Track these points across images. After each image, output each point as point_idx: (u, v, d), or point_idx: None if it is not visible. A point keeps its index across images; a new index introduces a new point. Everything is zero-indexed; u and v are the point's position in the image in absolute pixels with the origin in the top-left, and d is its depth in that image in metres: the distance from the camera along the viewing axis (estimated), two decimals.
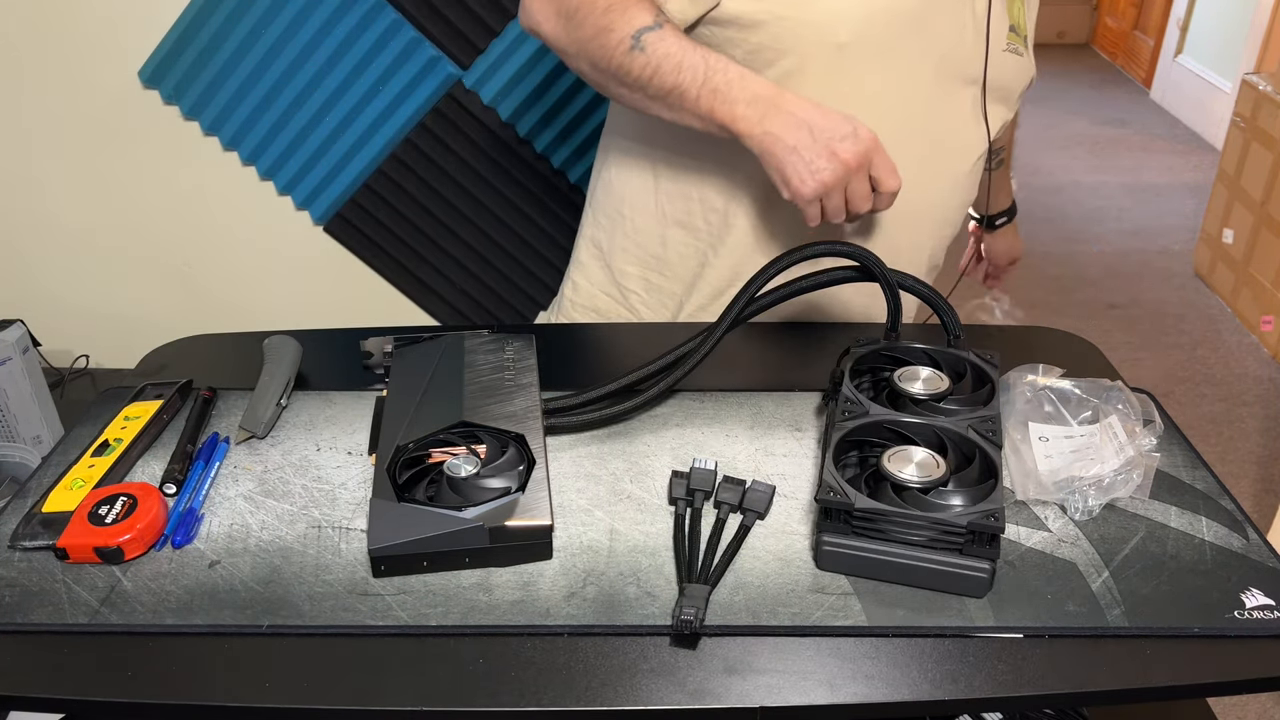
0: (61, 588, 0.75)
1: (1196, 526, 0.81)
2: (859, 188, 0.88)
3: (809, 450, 0.91)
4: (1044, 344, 1.12)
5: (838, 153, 0.86)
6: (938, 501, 0.75)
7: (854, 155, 0.86)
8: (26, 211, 1.90)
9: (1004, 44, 1.03)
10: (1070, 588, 0.75)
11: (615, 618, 0.72)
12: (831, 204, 0.89)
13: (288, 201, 1.88)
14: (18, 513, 0.82)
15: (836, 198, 0.88)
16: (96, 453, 0.87)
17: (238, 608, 0.73)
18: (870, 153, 0.87)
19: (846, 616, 0.72)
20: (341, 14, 1.66)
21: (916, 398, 0.86)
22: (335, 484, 0.86)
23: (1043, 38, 5.47)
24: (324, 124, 1.77)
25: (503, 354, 0.97)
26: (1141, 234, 3.39)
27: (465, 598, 0.74)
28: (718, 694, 0.67)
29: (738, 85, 0.88)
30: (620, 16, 0.91)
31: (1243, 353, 2.73)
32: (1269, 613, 0.72)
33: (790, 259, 0.92)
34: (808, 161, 0.86)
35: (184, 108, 1.78)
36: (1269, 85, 2.75)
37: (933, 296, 0.92)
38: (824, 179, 0.86)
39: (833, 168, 0.86)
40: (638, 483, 0.86)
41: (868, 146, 0.87)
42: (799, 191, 0.88)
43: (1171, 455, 0.90)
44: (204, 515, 0.82)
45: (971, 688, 0.67)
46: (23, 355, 1.77)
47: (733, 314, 0.92)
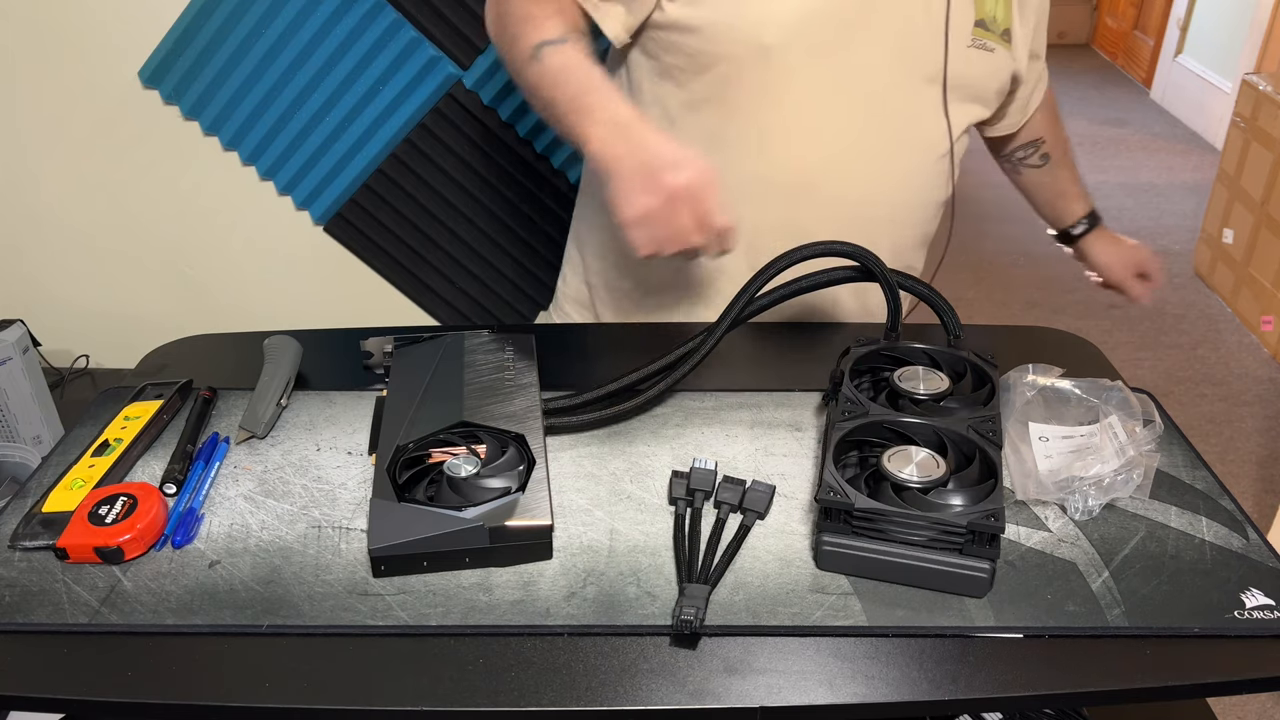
0: (61, 588, 0.75)
1: (1196, 526, 0.81)
2: (682, 220, 0.83)
3: (809, 450, 0.91)
4: (1044, 344, 1.12)
5: (661, 181, 0.82)
6: (938, 501, 0.75)
7: (677, 185, 0.82)
8: (26, 211, 1.90)
9: (968, 40, 1.02)
10: (1070, 588, 0.75)
11: (615, 618, 0.72)
12: (654, 232, 0.84)
13: (288, 201, 1.88)
14: (18, 513, 0.82)
15: (659, 227, 0.83)
16: (96, 453, 0.87)
17: (238, 608, 0.73)
18: (697, 186, 0.83)
19: (846, 616, 0.72)
20: (341, 14, 1.66)
21: (916, 398, 0.86)
22: (335, 484, 0.86)
23: None
24: (324, 124, 1.77)
25: (503, 354, 0.97)
26: (1141, 234, 3.38)
27: (465, 598, 0.74)
28: (718, 694, 0.67)
29: (601, 107, 0.88)
30: (532, 27, 0.94)
31: (1243, 353, 2.73)
32: (1269, 613, 0.72)
33: (790, 259, 0.92)
34: (632, 186, 0.84)
35: (184, 108, 1.78)
36: (1269, 85, 2.75)
37: (932, 296, 0.92)
38: (643, 204, 0.83)
39: (654, 195, 0.82)
40: (638, 483, 0.86)
41: (694, 179, 0.83)
42: (620, 216, 0.85)
43: (1171, 455, 0.90)
44: (204, 515, 0.82)
45: (971, 688, 0.67)
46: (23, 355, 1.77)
47: (733, 314, 0.92)
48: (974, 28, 1.02)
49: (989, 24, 1.03)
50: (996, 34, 1.04)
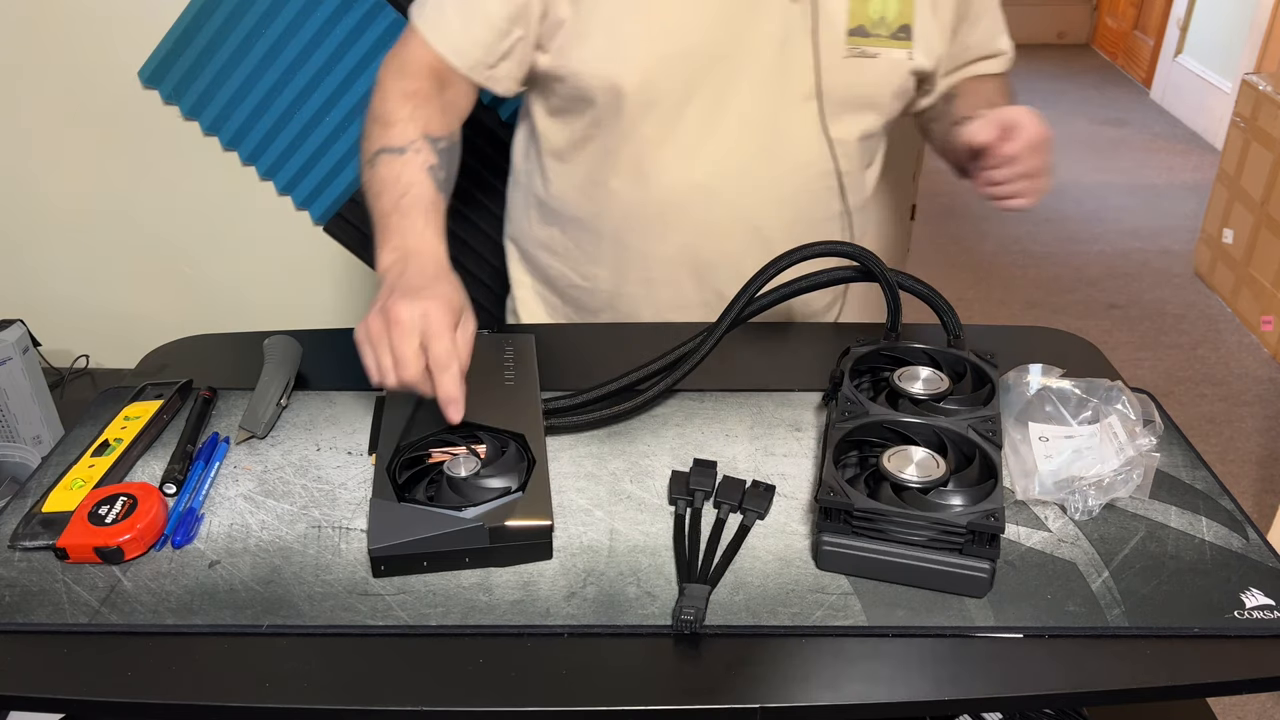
0: (61, 588, 0.75)
1: (1196, 526, 0.81)
2: (399, 349, 0.78)
3: (809, 450, 0.91)
4: (1044, 344, 1.12)
5: (387, 307, 0.79)
6: (938, 501, 0.75)
7: (396, 311, 0.78)
8: (27, 211, 1.90)
9: (844, 51, 1.00)
10: (1070, 588, 0.75)
11: (615, 618, 0.72)
12: (377, 358, 0.80)
13: (288, 201, 1.88)
14: (18, 513, 0.82)
15: (382, 355, 0.79)
16: (96, 453, 0.87)
17: (238, 608, 0.73)
18: (418, 316, 0.78)
19: (847, 616, 0.72)
20: (341, 14, 1.66)
21: (916, 398, 0.86)
22: (335, 484, 0.86)
23: (1043, 38, 5.47)
24: (324, 124, 1.78)
25: (503, 354, 0.97)
26: (1141, 234, 3.39)
27: (465, 598, 0.74)
28: (718, 694, 0.67)
29: (398, 232, 0.89)
30: (381, 131, 0.96)
31: (1243, 353, 2.73)
32: (1269, 613, 0.72)
33: (790, 259, 0.92)
34: (371, 311, 0.81)
35: (184, 108, 1.78)
36: (1269, 85, 2.75)
37: (932, 296, 0.92)
38: (368, 321, 0.80)
39: (376, 316, 0.80)
40: (638, 482, 0.86)
41: (416, 309, 0.78)
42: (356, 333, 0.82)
43: (1171, 455, 0.90)
44: (204, 515, 0.82)
45: (971, 688, 0.67)
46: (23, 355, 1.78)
47: (733, 314, 0.92)
48: (849, 37, 1.00)
49: (872, 28, 1.00)
50: (885, 35, 1.01)
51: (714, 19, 0.97)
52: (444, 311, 0.80)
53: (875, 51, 1.01)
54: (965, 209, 3.55)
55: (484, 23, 0.98)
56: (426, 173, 0.94)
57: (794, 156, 1.05)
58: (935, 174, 3.81)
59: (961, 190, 1.18)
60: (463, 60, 1.00)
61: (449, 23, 0.99)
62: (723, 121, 1.01)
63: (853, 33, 1.00)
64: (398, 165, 0.94)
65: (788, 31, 0.98)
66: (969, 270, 3.15)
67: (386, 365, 0.79)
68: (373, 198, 0.93)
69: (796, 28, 0.98)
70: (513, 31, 0.99)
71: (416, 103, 0.97)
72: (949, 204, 3.58)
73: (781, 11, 0.98)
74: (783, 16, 0.98)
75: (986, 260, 3.22)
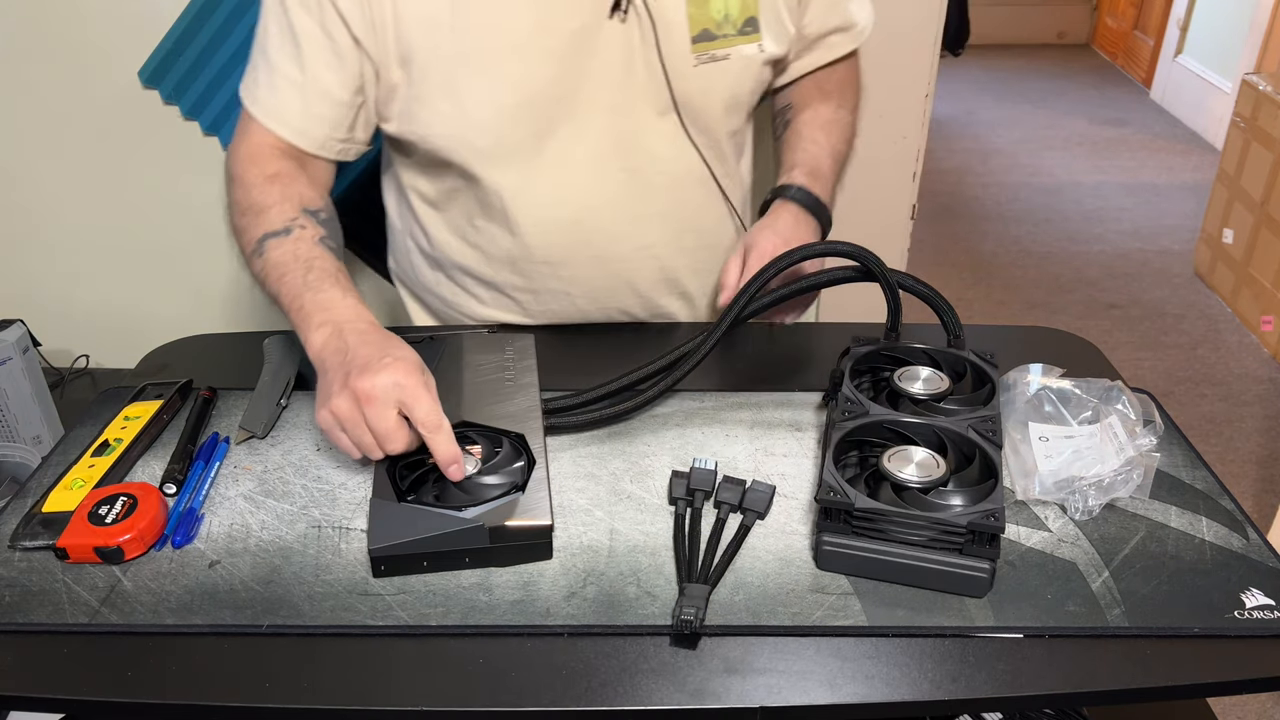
0: (61, 588, 0.75)
1: (1196, 526, 0.81)
2: (378, 423, 0.77)
3: (809, 450, 0.91)
4: (1044, 344, 1.12)
5: (350, 381, 0.77)
6: (938, 501, 0.75)
7: (365, 387, 0.76)
8: (26, 211, 1.90)
9: (693, 60, 0.97)
10: (1070, 588, 0.75)
11: (615, 618, 0.72)
12: (352, 437, 0.79)
13: None
14: (18, 513, 0.82)
15: (354, 430, 0.78)
16: (96, 453, 0.87)
17: (238, 608, 0.73)
18: (390, 387, 0.77)
19: (847, 616, 0.72)
20: None
21: (916, 398, 0.86)
22: (335, 484, 0.86)
23: (1043, 38, 5.47)
24: None
25: (503, 354, 0.97)
26: (1141, 234, 3.39)
27: (465, 598, 0.74)
28: (718, 694, 0.67)
29: (318, 309, 0.85)
30: (255, 219, 0.92)
31: (1243, 353, 2.73)
32: (1269, 613, 0.72)
33: (790, 259, 0.92)
34: (326, 387, 0.80)
35: (184, 108, 1.78)
36: (1269, 85, 2.75)
37: (931, 295, 0.92)
38: (331, 407, 0.78)
39: (341, 398, 0.77)
40: (638, 483, 0.86)
41: (385, 380, 0.77)
42: (316, 419, 0.80)
43: (1171, 455, 0.90)
44: (204, 515, 0.82)
45: (971, 688, 0.67)
46: (23, 355, 1.77)
47: (733, 314, 0.92)
48: (695, 44, 0.97)
49: (717, 29, 0.97)
50: (733, 33, 0.98)
51: (550, 60, 0.93)
52: (414, 373, 0.78)
53: (725, 53, 0.98)
54: (965, 209, 3.55)
55: (324, 99, 0.95)
56: (319, 245, 0.91)
57: (664, 172, 1.03)
58: (935, 174, 3.81)
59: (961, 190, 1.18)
60: (312, 141, 0.96)
61: (287, 106, 0.95)
62: (582, 156, 0.99)
63: (697, 39, 0.96)
64: (288, 245, 0.90)
65: (628, 55, 0.95)
66: (969, 270, 3.15)
67: (369, 443, 0.78)
68: (274, 284, 0.89)
69: (636, 48, 0.95)
70: (355, 101, 0.96)
71: (283, 183, 0.94)
72: (949, 204, 3.58)
73: (617, 37, 0.94)
74: (620, 41, 0.94)
75: (986, 260, 3.22)
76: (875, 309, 0.96)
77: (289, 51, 0.94)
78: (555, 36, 0.92)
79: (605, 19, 0.93)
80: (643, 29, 0.94)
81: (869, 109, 1.71)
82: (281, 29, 0.93)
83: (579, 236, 1.03)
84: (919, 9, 1.66)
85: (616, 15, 0.92)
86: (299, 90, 0.95)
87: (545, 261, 1.05)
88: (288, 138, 0.96)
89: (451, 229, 1.07)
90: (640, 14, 0.93)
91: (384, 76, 0.94)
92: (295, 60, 0.94)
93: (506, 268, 1.07)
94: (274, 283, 0.89)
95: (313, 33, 0.92)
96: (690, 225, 1.08)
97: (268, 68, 0.95)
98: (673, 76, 0.97)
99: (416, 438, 0.79)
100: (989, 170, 3.87)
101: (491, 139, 0.96)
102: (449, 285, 1.12)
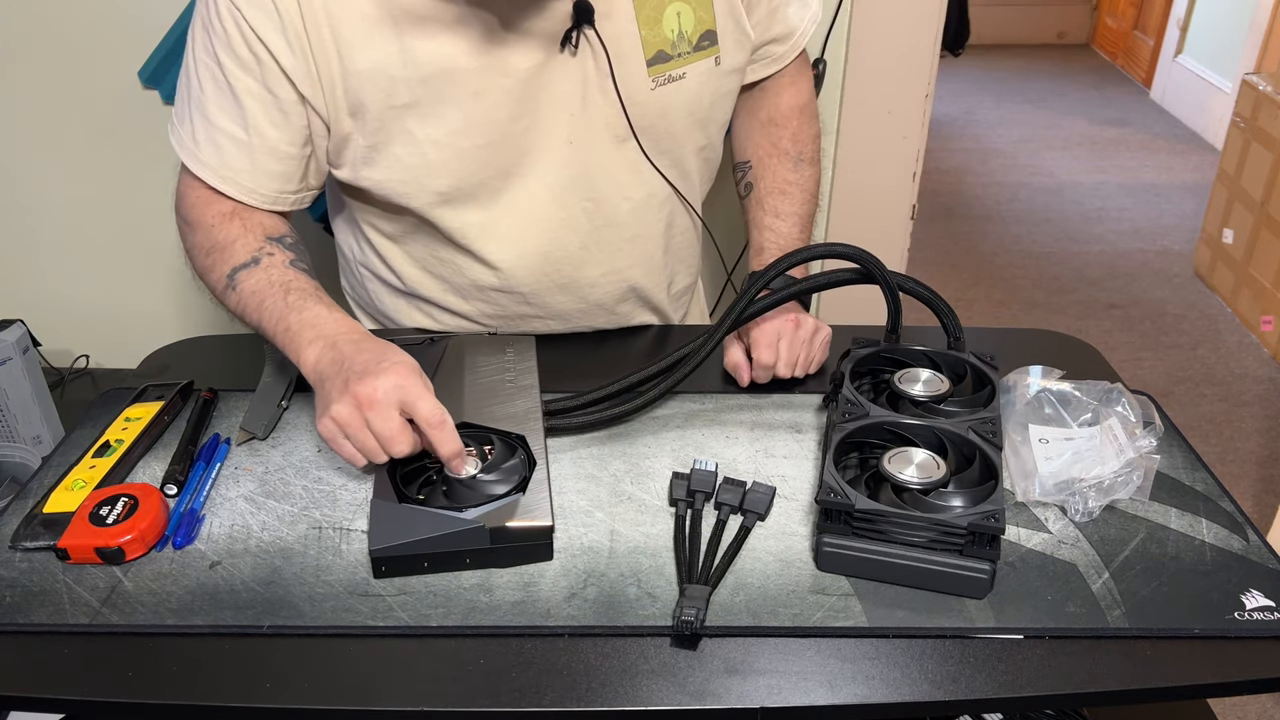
0: (62, 588, 0.75)
1: (1196, 528, 0.81)
2: (383, 426, 0.77)
3: (809, 452, 0.91)
4: (1044, 345, 1.12)
5: (350, 387, 0.77)
6: (938, 503, 0.75)
7: (366, 392, 0.76)
8: (26, 211, 1.90)
9: (649, 84, 0.95)
10: (1070, 589, 0.75)
11: (616, 618, 0.72)
12: (356, 443, 0.78)
13: None
14: (18, 513, 0.82)
15: (358, 436, 0.77)
16: (97, 454, 0.87)
17: (238, 608, 0.73)
18: (392, 389, 0.77)
19: (847, 617, 0.72)
20: None
21: (917, 399, 0.86)
22: (336, 485, 0.86)
23: (1043, 38, 5.47)
24: None
25: (504, 355, 0.97)
26: (1141, 234, 3.39)
27: (466, 598, 0.74)
28: (718, 694, 0.67)
29: (306, 328, 0.84)
30: (220, 256, 0.90)
31: (1243, 353, 2.73)
32: (1269, 614, 0.72)
33: (790, 261, 0.92)
34: (325, 397, 0.79)
35: None
36: (1269, 85, 2.75)
37: (931, 298, 0.92)
38: (333, 414, 0.78)
39: (342, 404, 0.77)
40: (638, 484, 0.86)
41: (387, 383, 0.77)
42: (318, 429, 0.80)
43: (1171, 457, 0.90)
44: (205, 516, 0.82)
45: (971, 688, 0.67)
46: (23, 355, 1.77)
47: (733, 315, 0.92)
48: (650, 68, 0.94)
49: (672, 49, 0.95)
50: (689, 51, 0.96)
51: (506, 100, 0.90)
52: (413, 375, 0.78)
53: (681, 72, 0.96)
54: (965, 209, 3.55)
55: (271, 155, 0.90)
56: (291, 268, 0.89)
57: (629, 198, 1.01)
58: (935, 174, 3.81)
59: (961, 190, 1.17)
60: (263, 199, 0.93)
61: (232, 164, 0.90)
62: (542, 192, 0.97)
63: (652, 61, 0.94)
64: (260, 274, 0.88)
65: (584, 87, 0.93)
66: (969, 270, 3.15)
67: (372, 447, 0.78)
68: (253, 314, 0.87)
69: (591, 79, 0.93)
70: (303, 154, 0.92)
71: (241, 218, 0.92)
72: (949, 204, 3.58)
73: (571, 70, 0.92)
74: (574, 74, 0.92)
75: (986, 260, 3.22)
76: (875, 311, 0.97)
77: (229, 110, 0.89)
78: (509, 76, 0.89)
79: (557, 54, 0.90)
80: (596, 59, 0.91)
81: (870, 109, 1.72)
82: (219, 87, 0.88)
83: (545, 269, 1.01)
84: (919, 9, 1.66)
85: (567, 49, 0.90)
86: (245, 150, 0.90)
87: (512, 291, 1.03)
88: (237, 197, 0.92)
89: (414, 261, 1.04)
90: (593, 44, 0.91)
91: (335, 129, 0.91)
92: (238, 120, 0.89)
93: (475, 296, 1.05)
94: (253, 312, 0.88)
95: (254, 91, 0.87)
96: (658, 245, 1.07)
97: (207, 125, 0.90)
98: (629, 104, 0.94)
99: (419, 440, 0.79)
100: (989, 170, 3.87)
101: (451, 182, 0.93)
102: (410, 310, 1.09)
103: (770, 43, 1.06)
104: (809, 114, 1.12)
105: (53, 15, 1.71)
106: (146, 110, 1.78)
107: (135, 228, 1.92)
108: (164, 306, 2.00)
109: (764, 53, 1.06)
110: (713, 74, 0.98)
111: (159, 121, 1.79)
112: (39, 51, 1.74)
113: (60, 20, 1.71)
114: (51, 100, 1.78)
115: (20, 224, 1.91)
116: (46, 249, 1.94)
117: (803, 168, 1.10)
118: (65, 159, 1.84)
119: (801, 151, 1.10)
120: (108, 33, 1.71)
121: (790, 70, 1.10)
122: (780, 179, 1.09)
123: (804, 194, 1.09)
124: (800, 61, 1.10)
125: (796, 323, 0.98)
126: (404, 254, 1.04)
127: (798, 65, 1.10)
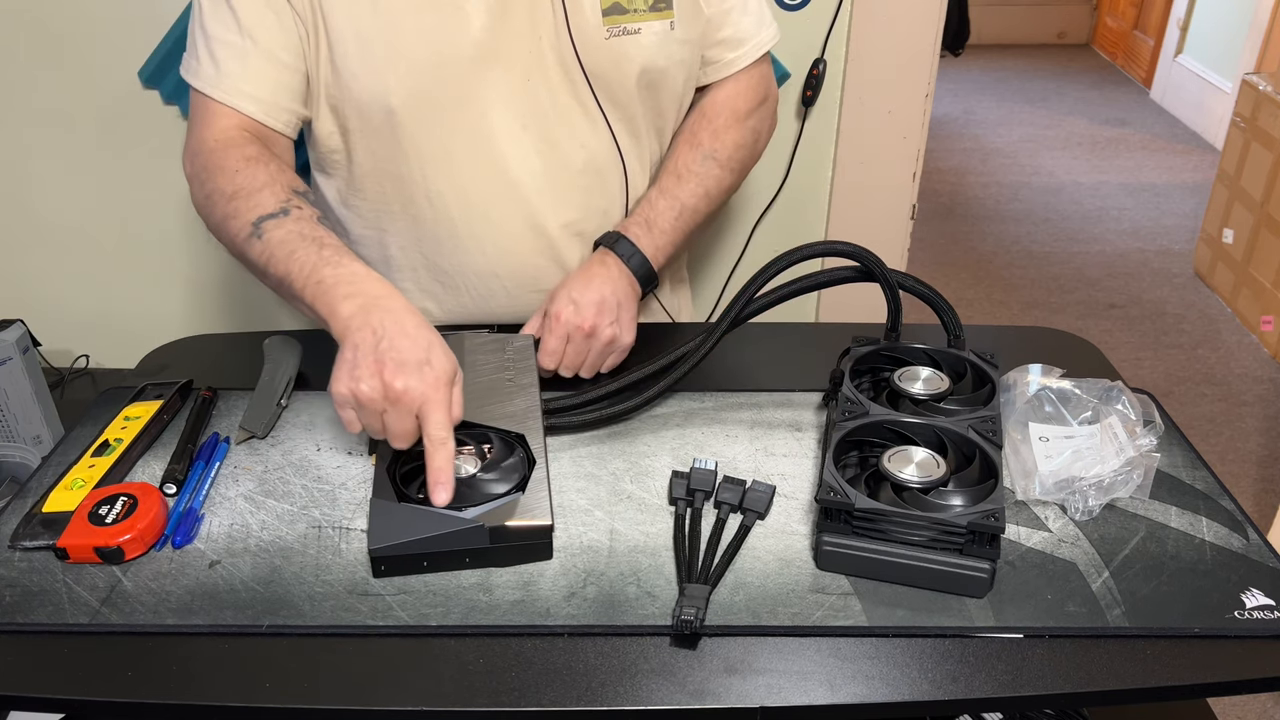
0: (62, 588, 0.75)
1: (1197, 526, 0.81)
2: (395, 424, 0.78)
3: (809, 450, 0.91)
4: (1044, 344, 1.12)
5: (384, 375, 0.76)
6: (938, 501, 0.75)
7: (399, 388, 0.76)
8: (26, 211, 1.90)
9: (604, 33, 0.98)
10: (1070, 588, 0.75)
11: (615, 618, 0.72)
12: (363, 421, 0.79)
13: None
14: (18, 513, 0.82)
15: (370, 419, 0.78)
16: (97, 453, 0.87)
17: (238, 608, 0.73)
18: (419, 397, 0.77)
19: (847, 617, 0.72)
20: None
21: (917, 398, 0.86)
22: (335, 484, 0.86)
23: (1043, 38, 5.47)
24: None
25: (503, 354, 0.97)
26: (1141, 234, 3.39)
27: (465, 598, 0.74)
28: (718, 694, 0.67)
29: (342, 282, 0.82)
30: (245, 203, 0.89)
31: (1243, 353, 2.73)
32: (1269, 613, 0.72)
33: (790, 259, 0.92)
34: (353, 366, 0.78)
35: (184, 108, 1.77)
36: (1269, 85, 2.75)
37: (931, 296, 0.92)
38: (356, 390, 0.77)
39: (371, 386, 0.76)
40: (638, 483, 0.86)
41: (422, 386, 0.77)
42: (331, 388, 0.79)
43: (1171, 455, 0.90)
44: (204, 515, 0.82)
45: (971, 688, 0.67)
46: (23, 355, 1.77)
47: (732, 314, 0.92)
48: (605, 18, 0.98)
49: (628, 3, 0.98)
50: (644, 9, 0.99)
51: (464, 20, 0.94)
52: (444, 388, 0.78)
53: (636, 27, 0.99)
54: (965, 209, 3.55)
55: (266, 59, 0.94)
56: (321, 224, 0.89)
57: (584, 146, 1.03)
58: (935, 174, 3.81)
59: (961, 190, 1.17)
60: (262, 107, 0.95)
61: (230, 70, 0.94)
62: (499, 124, 0.99)
63: (608, 11, 0.97)
64: (290, 225, 0.87)
65: (538, 27, 0.97)
66: (969, 270, 3.15)
67: (376, 429, 0.79)
68: (280, 264, 0.85)
69: (546, 21, 0.97)
70: (300, 66, 0.96)
71: (265, 165, 0.92)
72: (949, 204, 3.58)
73: (529, 9, 0.96)
74: (530, 13, 0.96)
75: (986, 260, 3.21)
76: (875, 309, 0.97)
77: (224, 19, 0.94)
78: None
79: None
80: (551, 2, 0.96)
81: (870, 109, 1.72)
82: (215, 4, 0.94)
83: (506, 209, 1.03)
84: (919, 9, 1.66)
85: None
86: (240, 54, 0.94)
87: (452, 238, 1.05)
88: (235, 104, 0.94)
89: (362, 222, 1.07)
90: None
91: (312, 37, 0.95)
92: (232, 26, 0.94)
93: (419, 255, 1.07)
94: (281, 262, 0.85)
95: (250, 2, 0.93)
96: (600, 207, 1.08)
97: (205, 39, 0.95)
98: (583, 48, 0.98)
99: None
100: (989, 170, 3.87)
101: (407, 93, 0.96)
102: None
103: (720, 44, 1.07)
104: (740, 120, 1.10)
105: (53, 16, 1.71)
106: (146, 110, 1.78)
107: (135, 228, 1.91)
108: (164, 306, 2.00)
109: (715, 55, 1.08)
110: (668, 37, 1.01)
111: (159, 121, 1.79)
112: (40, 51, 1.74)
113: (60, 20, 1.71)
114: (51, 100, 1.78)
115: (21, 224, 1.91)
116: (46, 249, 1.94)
117: (709, 165, 1.08)
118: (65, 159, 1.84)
119: (715, 150, 1.09)
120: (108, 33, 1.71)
121: (739, 75, 1.10)
122: (681, 163, 1.08)
123: (699, 187, 1.08)
124: (752, 74, 1.11)
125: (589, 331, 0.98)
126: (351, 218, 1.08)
127: (747, 75, 1.10)
